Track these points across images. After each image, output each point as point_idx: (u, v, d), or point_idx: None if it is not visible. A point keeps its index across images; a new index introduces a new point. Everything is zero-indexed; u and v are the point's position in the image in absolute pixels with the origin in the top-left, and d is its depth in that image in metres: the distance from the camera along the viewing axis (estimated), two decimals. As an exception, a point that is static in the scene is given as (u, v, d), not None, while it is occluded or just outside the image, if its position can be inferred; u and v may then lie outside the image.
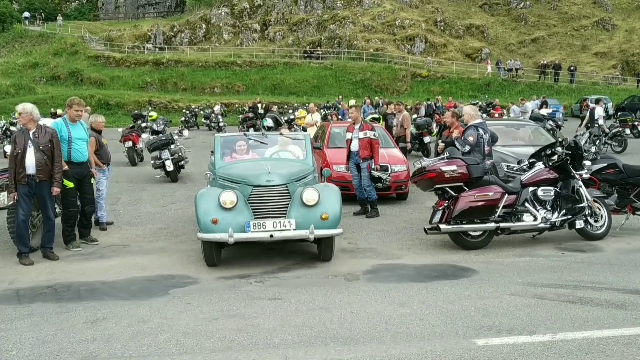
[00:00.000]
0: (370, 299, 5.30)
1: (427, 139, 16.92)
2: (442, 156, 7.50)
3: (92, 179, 7.81)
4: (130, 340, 4.39)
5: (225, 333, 4.50)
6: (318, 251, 6.78)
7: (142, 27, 54.85)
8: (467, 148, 7.70)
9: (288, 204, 6.41)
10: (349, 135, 9.61)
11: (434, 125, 19.76)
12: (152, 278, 6.19)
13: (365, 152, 9.31)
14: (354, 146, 9.42)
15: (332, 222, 6.35)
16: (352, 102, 34.81)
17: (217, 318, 4.86)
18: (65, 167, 7.19)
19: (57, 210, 7.67)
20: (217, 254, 6.54)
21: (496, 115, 24.81)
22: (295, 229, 6.22)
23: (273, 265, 6.60)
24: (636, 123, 21.88)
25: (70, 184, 7.34)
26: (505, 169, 8.65)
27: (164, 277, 6.24)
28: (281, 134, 8.52)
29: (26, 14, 57.49)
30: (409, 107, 23.47)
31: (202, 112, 34.34)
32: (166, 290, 5.72)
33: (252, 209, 6.35)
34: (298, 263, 6.70)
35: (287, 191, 6.48)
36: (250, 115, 27.36)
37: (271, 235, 6.13)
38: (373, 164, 9.37)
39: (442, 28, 52.79)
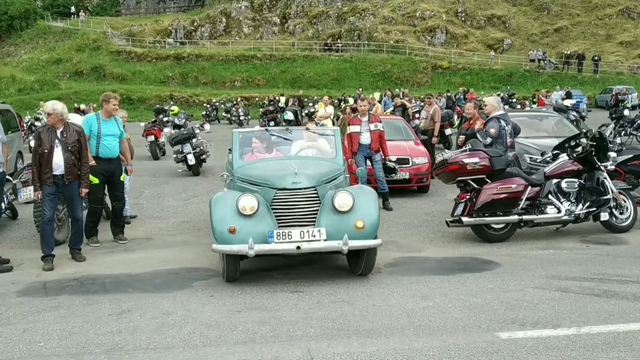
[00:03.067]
0: (392, 292, 5.30)
1: (448, 131, 16.77)
2: (464, 148, 7.45)
3: (123, 176, 7.72)
4: (155, 332, 4.45)
5: (248, 325, 4.53)
6: (351, 265, 5.96)
7: (163, 22, 55.25)
8: (489, 140, 7.63)
9: (317, 210, 5.54)
10: (355, 129, 9.40)
11: (455, 117, 19.60)
12: (176, 271, 6.25)
13: (377, 144, 9.30)
14: (366, 139, 9.33)
15: (369, 231, 5.48)
16: (376, 94, 34.78)
17: (240, 310, 4.90)
18: (93, 162, 7.12)
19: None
20: (236, 267, 5.67)
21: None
22: (326, 240, 5.33)
23: (295, 258, 6.60)
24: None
25: (96, 180, 7.27)
26: (529, 161, 8.55)
27: (188, 270, 6.29)
28: (307, 128, 7.61)
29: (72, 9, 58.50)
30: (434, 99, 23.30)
31: (223, 105, 34.51)
32: (190, 283, 5.78)
33: (276, 216, 5.51)
34: (320, 256, 6.70)
35: (316, 195, 5.62)
36: (271, 108, 27.43)
37: (298, 247, 5.24)
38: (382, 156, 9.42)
39: (463, 19, 52.26)
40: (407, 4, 52.80)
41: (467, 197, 7.14)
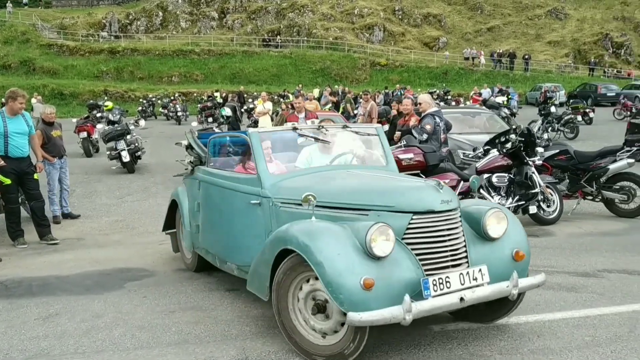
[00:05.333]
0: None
1: (385, 128, 17.04)
2: (399, 144, 7.58)
3: (35, 175, 7.33)
4: (84, 336, 4.30)
5: (181, 326, 4.45)
6: (476, 311, 4.18)
7: (96, 14, 53.49)
8: (425, 136, 7.79)
9: (464, 240, 3.89)
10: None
11: (393, 113, 19.91)
12: (108, 272, 6.07)
13: None
14: None
15: (527, 262, 4.10)
16: (316, 91, 34.89)
17: (174, 311, 4.81)
18: (2, 163, 6.81)
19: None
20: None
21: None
22: (489, 282, 3.77)
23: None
24: (587, 110, 22.52)
25: (7, 180, 6.93)
26: (462, 157, 8.79)
27: (120, 270, 6.12)
28: (322, 126, 5.12)
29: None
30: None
31: (160, 101, 33.79)
32: (122, 284, 5.62)
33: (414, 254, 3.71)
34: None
35: (460, 219, 3.94)
36: (209, 104, 27.06)
37: (462, 299, 3.57)
38: None
39: (400, 17, 53.14)
40: (346, 1, 53.25)
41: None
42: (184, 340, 4.18)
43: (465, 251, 3.83)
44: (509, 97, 28.79)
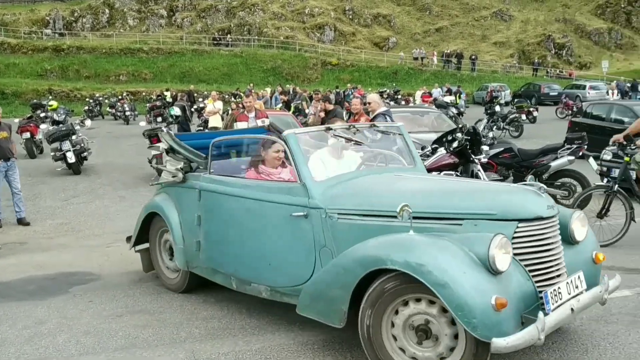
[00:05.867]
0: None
1: (337, 127, 17.14)
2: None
3: None
4: (26, 344, 4.17)
5: (129, 330, 4.37)
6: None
7: (39, 11, 51.77)
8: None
9: (561, 247, 3.59)
10: (242, 125, 9.22)
11: (344, 113, 20.05)
12: (52, 276, 5.90)
13: None
14: None
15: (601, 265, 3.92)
16: (267, 90, 34.73)
17: (121, 315, 4.72)
18: None
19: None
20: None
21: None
22: (586, 289, 3.56)
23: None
24: (531, 110, 23.21)
25: None
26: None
27: (65, 274, 5.96)
28: (352, 126, 4.75)
29: None
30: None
31: (107, 100, 33.01)
32: (67, 289, 5.48)
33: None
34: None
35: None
36: (158, 104, 26.58)
37: (572, 309, 3.36)
38: None
39: (350, 17, 53.50)
40: (296, 1, 53.26)
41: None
42: (131, 345, 4.10)
43: (560, 257, 3.54)
44: (460, 96, 29.55)
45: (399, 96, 30.06)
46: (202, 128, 18.40)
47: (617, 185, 6.43)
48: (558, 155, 8.44)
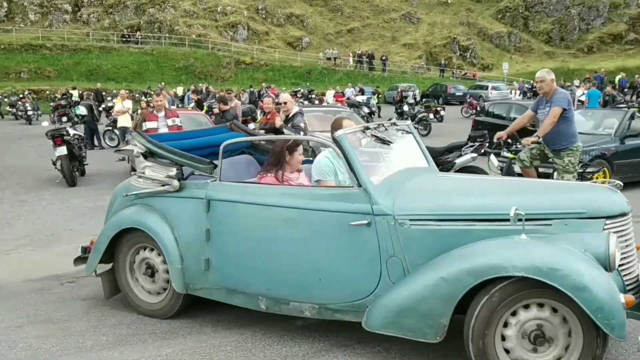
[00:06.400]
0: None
1: (251, 126, 17.08)
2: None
3: None
4: None
5: (30, 341, 4.15)
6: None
7: None
8: (302, 134, 8.00)
9: None
10: (152, 125, 9.03)
11: (258, 112, 20.01)
12: (-57, 288, 5.49)
13: None
14: None
15: None
16: (180, 89, 33.99)
17: (22, 325, 4.47)
18: None
19: None
20: None
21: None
22: None
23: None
24: (439, 109, 24.10)
25: None
26: (323, 154, 9.05)
27: (-42, 286, 5.56)
28: (382, 124, 4.40)
29: None
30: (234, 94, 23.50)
31: (7, 99, 31.12)
32: (-40, 301, 5.12)
33: None
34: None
35: None
36: (63, 103, 25.35)
37: None
38: None
39: (263, 16, 53.38)
40: (208, -2, 52.48)
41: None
42: (32, 357, 3.91)
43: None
44: (379, 95, 30.31)
45: (313, 95, 30.34)
46: (110, 128, 17.79)
47: None
48: (462, 152, 8.82)
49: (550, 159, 6.60)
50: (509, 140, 6.88)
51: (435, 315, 3.32)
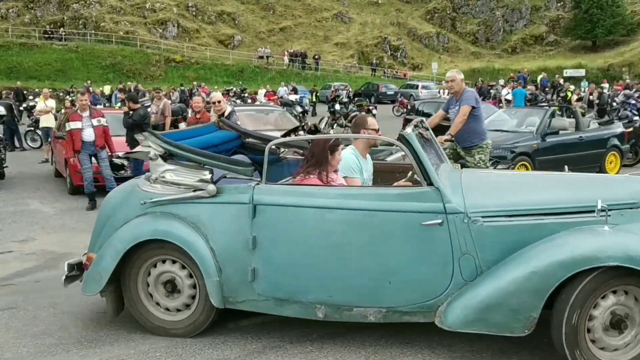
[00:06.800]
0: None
1: (182, 125, 16.75)
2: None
3: None
4: None
5: (-58, 356, 3.90)
6: None
7: None
8: None
9: None
10: (76, 125, 8.72)
11: (190, 111, 19.66)
12: None
13: (101, 140, 8.85)
14: (89, 135, 8.76)
15: None
16: (107, 88, 32.92)
17: None
18: None
19: None
20: None
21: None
22: None
23: (8, 270, 5.91)
24: (371, 108, 24.43)
25: None
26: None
27: None
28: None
29: None
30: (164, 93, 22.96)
31: None
32: None
33: None
34: (38, 265, 6.10)
35: None
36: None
37: None
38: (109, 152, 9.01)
39: (194, 13, 52.48)
40: (136, -6, 51.06)
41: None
42: (-55, 372, 3.68)
43: None
44: (317, 94, 30.41)
45: (246, 94, 30.13)
46: (32, 129, 17.01)
47: None
48: (393, 150, 8.97)
49: (462, 157, 6.75)
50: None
51: (525, 309, 3.36)
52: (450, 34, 58.00)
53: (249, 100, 26.78)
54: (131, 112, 9.70)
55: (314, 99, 30.86)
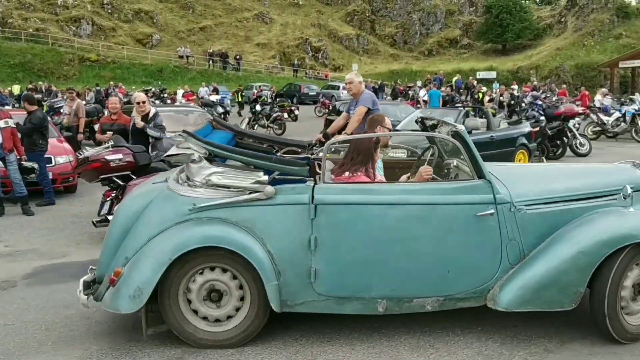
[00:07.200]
0: (30, 306, 4.82)
1: (97, 127, 16.16)
2: (106, 145, 7.25)
3: None
4: None
5: None
6: None
7: None
8: (162, 134, 7.87)
9: None
10: None
11: (106, 112, 19.00)
12: None
13: (9, 143, 8.40)
14: None
15: None
16: (15, 87, 31.26)
17: None
18: None
19: None
20: None
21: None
22: None
23: None
24: (293, 108, 24.53)
25: None
26: (175, 155, 8.80)
27: None
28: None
29: None
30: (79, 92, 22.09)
31: None
32: None
33: None
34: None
35: None
36: None
37: None
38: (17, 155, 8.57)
39: (109, 11, 50.74)
40: (47, -10, 48.76)
41: (113, 194, 6.99)
42: None
43: None
44: (242, 94, 30.10)
45: (165, 95, 29.45)
46: None
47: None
48: (314, 151, 9.03)
49: None
50: (323, 140, 7.03)
51: (573, 285, 3.80)
52: (370, 36, 59.13)
53: (169, 101, 26.20)
54: (28, 114, 8.97)
55: (239, 99, 30.61)
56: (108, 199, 7.00)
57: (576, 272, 3.80)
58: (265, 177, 3.80)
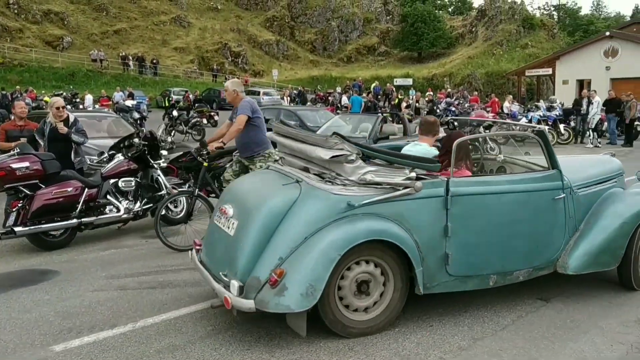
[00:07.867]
0: None
1: None
2: (11, 152, 6.85)
3: None
4: None
5: None
6: None
7: None
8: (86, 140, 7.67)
9: None
10: None
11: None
12: None
13: None
14: None
15: None
16: None
17: None
18: None
19: None
20: None
21: None
22: None
23: None
24: (212, 114, 24.21)
25: None
26: (88, 162, 8.45)
27: None
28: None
29: None
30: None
31: None
32: None
33: None
34: None
35: None
36: None
37: None
38: None
39: (16, 11, 48.16)
40: (-56, -13, 45.69)
41: (20, 204, 6.60)
42: None
43: None
44: (169, 99, 29.36)
45: (78, 99, 28.29)
46: None
47: (197, 190, 6.91)
48: (233, 156, 8.93)
49: (248, 167, 6.84)
50: (202, 150, 7.04)
51: (619, 248, 4.91)
52: (290, 42, 59.36)
53: (81, 106, 25.20)
54: None
55: (166, 104, 29.86)
56: (14, 209, 6.60)
57: (621, 238, 4.89)
58: (414, 174, 4.15)
